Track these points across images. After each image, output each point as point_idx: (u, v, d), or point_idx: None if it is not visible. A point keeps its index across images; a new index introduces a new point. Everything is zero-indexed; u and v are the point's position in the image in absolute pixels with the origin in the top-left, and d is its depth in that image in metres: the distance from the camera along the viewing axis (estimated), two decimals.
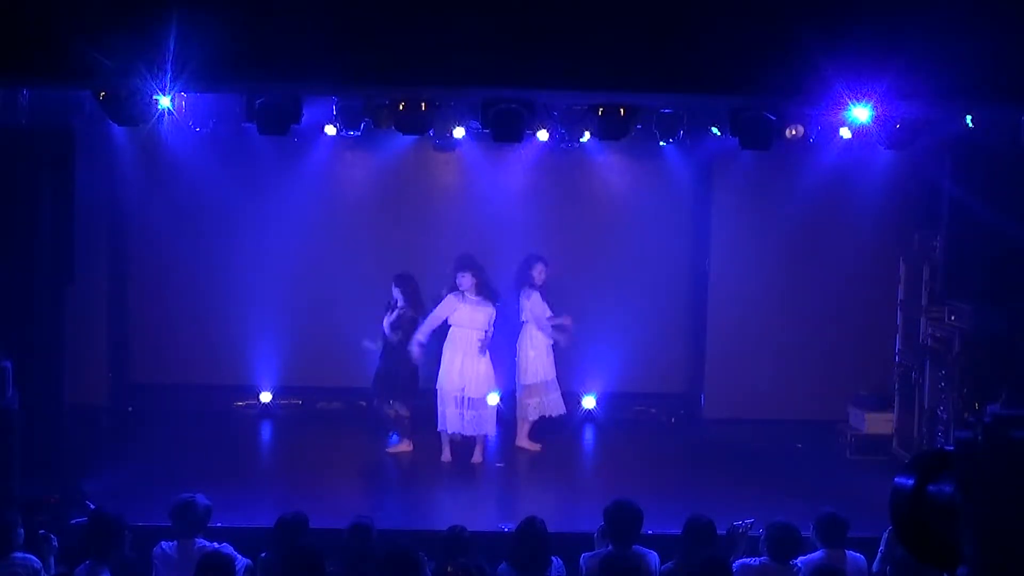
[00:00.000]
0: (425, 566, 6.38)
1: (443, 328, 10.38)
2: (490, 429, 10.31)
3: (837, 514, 6.99)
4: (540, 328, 10.63)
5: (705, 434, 10.95)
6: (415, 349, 10.22)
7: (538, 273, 10.65)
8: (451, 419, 10.20)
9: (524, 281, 10.68)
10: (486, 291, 10.31)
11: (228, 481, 9.16)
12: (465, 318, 10.24)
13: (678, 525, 7.03)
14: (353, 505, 8.80)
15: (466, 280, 10.25)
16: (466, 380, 10.18)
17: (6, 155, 8.73)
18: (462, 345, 10.25)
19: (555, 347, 10.82)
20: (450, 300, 10.28)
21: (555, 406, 10.69)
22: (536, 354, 10.65)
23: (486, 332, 10.28)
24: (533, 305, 10.64)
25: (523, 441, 10.70)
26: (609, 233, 11.93)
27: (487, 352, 10.28)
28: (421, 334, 10.22)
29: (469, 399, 10.18)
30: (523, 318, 10.71)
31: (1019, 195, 9.24)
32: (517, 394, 10.73)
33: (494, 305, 10.34)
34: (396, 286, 10.41)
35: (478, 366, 10.22)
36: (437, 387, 10.28)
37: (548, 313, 10.66)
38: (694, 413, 11.96)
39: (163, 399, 11.53)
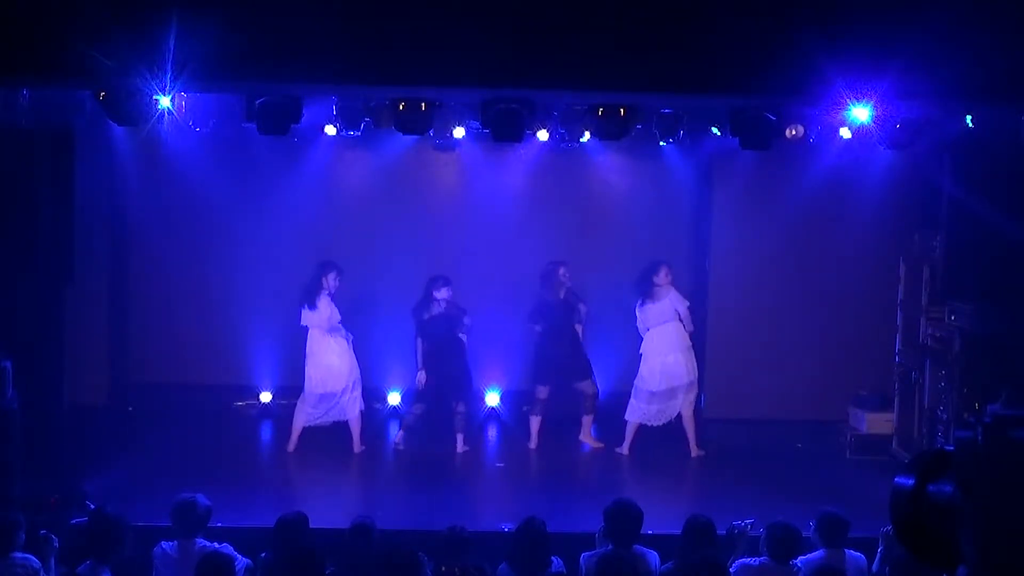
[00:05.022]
0: (425, 566, 6.38)
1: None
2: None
3: (837, 514, 6.99)
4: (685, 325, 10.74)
5: (705, 434, 10.93)
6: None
7: (665, 274, 10.69)
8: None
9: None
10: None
11: (228, 481, 9.17)
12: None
13: (678, 525, 7.03)
14: (353, 505, 8.81)
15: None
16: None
17: (6, 155, 8.73)
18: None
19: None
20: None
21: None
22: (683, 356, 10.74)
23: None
24: (680, 302, 10.69)
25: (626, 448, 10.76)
26: (609, 233, 11.92)
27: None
28: None
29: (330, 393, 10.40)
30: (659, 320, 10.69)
31: (1019, 195, 9.24)
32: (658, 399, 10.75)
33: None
34: (446, 286, 10.47)
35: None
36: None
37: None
38: (694, 413, 11.92)
39: (163, 399, 11.53)
